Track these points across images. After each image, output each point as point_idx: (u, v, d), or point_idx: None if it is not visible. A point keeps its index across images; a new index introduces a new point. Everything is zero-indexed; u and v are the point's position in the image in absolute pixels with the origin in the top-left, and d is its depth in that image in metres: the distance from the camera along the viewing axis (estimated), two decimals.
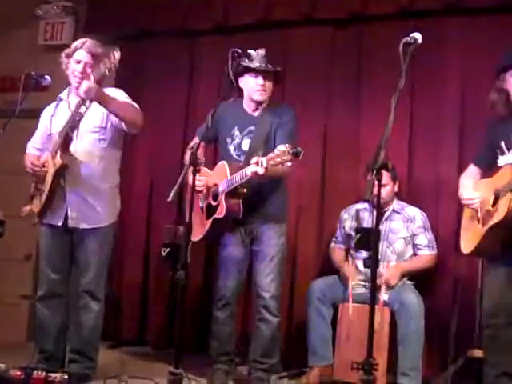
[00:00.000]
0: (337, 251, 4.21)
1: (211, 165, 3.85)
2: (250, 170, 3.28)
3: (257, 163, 3.19)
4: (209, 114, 3.26)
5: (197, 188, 3.61)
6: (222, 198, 3.54)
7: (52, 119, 3.65)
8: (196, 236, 3.73)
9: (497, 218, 3.10)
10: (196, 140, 3.75)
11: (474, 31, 4.25)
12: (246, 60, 3.56)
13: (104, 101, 3.32)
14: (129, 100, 3.54)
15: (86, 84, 3.24)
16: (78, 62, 3.51)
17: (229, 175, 3.52)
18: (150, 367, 4.14)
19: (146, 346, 4.82)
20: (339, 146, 4.53)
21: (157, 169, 4.92)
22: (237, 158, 3.68)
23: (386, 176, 3.94)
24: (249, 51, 3.50)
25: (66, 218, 3.51)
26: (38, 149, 3.72)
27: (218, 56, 4.52)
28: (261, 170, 3.19)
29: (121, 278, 4.92)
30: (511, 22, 4.13)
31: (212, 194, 3.66)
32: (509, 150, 3.23)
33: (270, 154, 3.15)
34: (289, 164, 3.16)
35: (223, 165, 3.63)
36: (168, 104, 4.95)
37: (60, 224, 3.53)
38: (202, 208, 3.75)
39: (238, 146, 3.71)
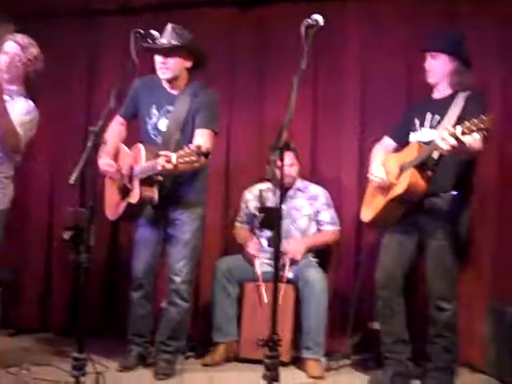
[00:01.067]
0: (241, 230, 4.26)
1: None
2: (159, 165, 3.19)
3: (167, 159, 3.11)
4: (112, 91, 3.16)
5: (104, 169, 3.56)
6: (136, 183, 3.47)
7: None
8: (112, 216, 3.69)
9: (397, 191, 3.27)
10: (117, 118, 3.73)
11: (372, 13, 4.35)
12: (150, 41, 3.48)
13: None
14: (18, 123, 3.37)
15: None
16: (6, 53, 3.39)
17: (143, 161, 3.44)
18: (54, 353, 4.04)
19: (48, 332, 4.69)
20: (243, 126, 4.55)
21: (59, 151, 4.77)
22: (154, 137, 3.61)
23: (292, 156, 4.02)
24: (151, 31, 3.43)
25: None
26: None
27: (121, 37, 4.39)
28: (169, 167, 3.13)
29: (23, 264, 4.76)
30: (410, 9, 4.26)
31: (128, 176, 3.58)
32: (421, 127, 3.42)
33: (180, 152, 3.07)
34: (196, 165, 3.10)
35: (140, 148, 3.52)
36: (70, 86, 4.80)
37: None
38: (118, 188, 3.66)
39: (155, 126, 3.63)
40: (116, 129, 3.76)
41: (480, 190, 3.56)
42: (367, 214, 3.56)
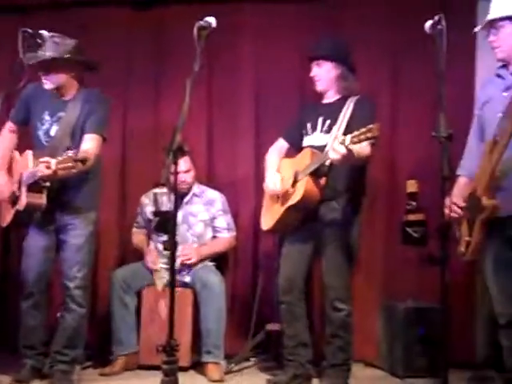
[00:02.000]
0: (138, 235, 4.21)
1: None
2: (39, 171, 3.15)
3: (46, 165, 3.05)
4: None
5: None
6: (23, 189, 3.37)
7: None
8: (3, 222, 3.56)
9: (293, 199, 3.33)
10: (8, 124, 3.60)
11: (266, 17, 4.42)
12: (39, 41, 3.36)
13: None
14: None
15: None
16: None
17: (31, 166, 3.34)
18: None
19: None
20: (139, 130, 4.48)
21: None
22: (45, 144, 3.49)
23: (188, 161, 4.01)
24: (40, 32, 3.32)
25: None
26: None
27: (13, 37, 4.23)
28: (48, 172, 3.08)
29: None
30: (302, 10, 4.38)
31: (18, 182, 3.46)
32: (313, 131, 3.49)
33: (59, 158, 3.04)
34: (74, 171, 3.07)
35: (27, 155, 3.43)
36: None
37: None
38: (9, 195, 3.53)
39: (47, 133, 3.51)
40: (6, 136, 3.63)
41: (370, 194, 3.67)
42: (267, 223, 3.61)
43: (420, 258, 3.88)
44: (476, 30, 2.99)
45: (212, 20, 2.83)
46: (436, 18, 2.55)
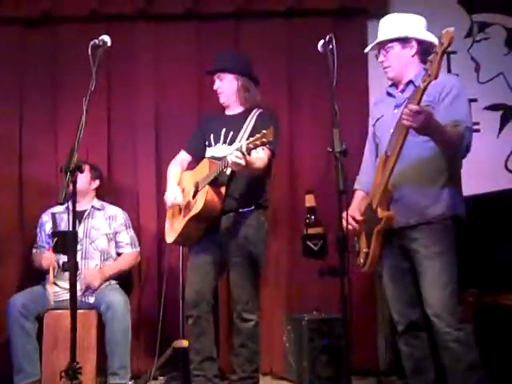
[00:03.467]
0: (37, 256, 4.04)
1: None
2: None
3: None
4: None
5: None
6: None
7: None
8: None
9: (195, 210, 3.33)
10: None
11: (163, 36, 4.43)
12: None
13: None
14: None
15: None
16: None
17: None
18: None
19: None
20: (37, 148, 4.37)
21: None
22: None
23: (87, 177, 3.95)
24: None
25: None
26: None
27: None
28: None
29: None
30: (199, 28, 4.44)
31: None
32: (216, 142, 3.51)
33: None
34: None
35: None
36: None
37: None
38: None
39: None
40: None
41: (272, 208, 3.72)
42: (170, 235, 3.59)
43: (321, 270, 3.97)
44: (366, 50, 3.11)
45: (107, 38, 2.81)
46: (327, 37, 2.64)
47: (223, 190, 3.35)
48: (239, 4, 4.35)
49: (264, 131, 2.91)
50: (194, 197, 3.40)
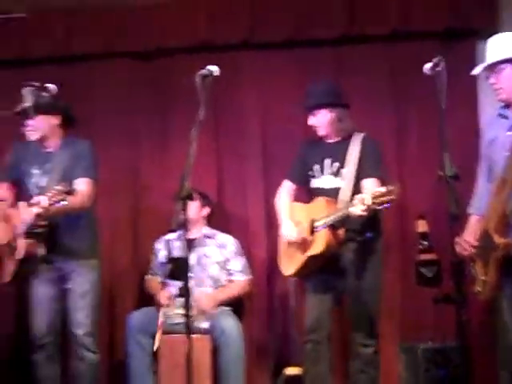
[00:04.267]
0: (152, 282, 4.17)
1: None
2: (31, 213, 3.26)
3: (37, 204, 3.17)
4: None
5: None
6: (20, 239, 3.41)
7: None
8: (5, 278, 3.52)
9: (315, 249, 3.39)
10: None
11: (268, 64, 4.48)
12: (43, 93, 3.45)
13: None
14: None
15: None
16: None
17: (24, 215, 3.40)
18: None
19: None
20: (150, 176, 4.53)
21: None
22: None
23: (197, 205, 4.05)
24: (46, 85, 3.40)
25: None
26: None
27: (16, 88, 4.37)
28: (40, 211, 3.18)
29: None
30: (302, 55, 4.46)
31: (14, 234, 3.47)
32: (321, 174, 3.53)
33: (48, 194, 3.15)
34: (65, 202, 3.15)
35: (20, 205, 3.49)
36: None
37: None
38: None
39: (37, 185, 3.58)
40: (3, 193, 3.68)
41: (384, 235, 3.65)
42: (289, 269, 3.61)
43: (436, 297, 3.84)
44: (475, 72, 3.02)
45: (214, 68, 2.88)
46: (435, 60, 2.59)
47: (341, 232, 3.39)
48: (341, 29, 4.35)
49: (391, 188, 2.93)
50: (311, 233, 3.44)
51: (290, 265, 3.60)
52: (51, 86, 3.40)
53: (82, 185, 3.47)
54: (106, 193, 4.00)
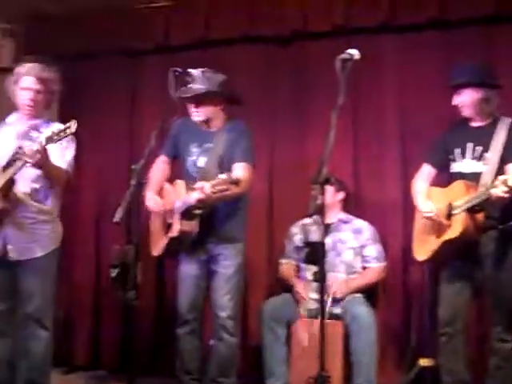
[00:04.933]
0: (286, 266, 4.20)
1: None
2: (193, 196, 3.33)
3: (201, 189, 3.22)
4: (154, 130, 3.22)
5: (151, 207, 3.63)
6: (176, 217, 3.53)
7: None
8: (156, 252, 3.73)
9: (452, 234, 3.31)
10: (161, 157, 3.81)
11: (407, 47, 4.35)
12: (188, 79, 3.54)
13: (45, 169, 3.26)
14: (65, 163, 3.42)
15: (32, 150, 3.11)
16: (26, 89, 3.42)
17: (183, 195, 3.52)
18: None
19: (100, 369, 4.73)
20: (286, 161, 4.54)
21: (103, 189, 4.87)
22: (193, 175, 3.65)
23: (333, 191, 4.02)
24: (189, 70, 3.49)
25: (5, 250, 3.39)
26: None
27: (160, 75, 4.52)
28: (203, 196, 3.23)
29: (71, 302, 4.83)
30: (440, 39, 4.28)
31: (170, 211, 3.63)
32: (463, 157, 3.43)
33: (212, 182, 3.19)
34: (228, 192, 3.19)
35: (179, 183, 3.65)
36: (112, 123, 4.90)
37: None
38: (161, 224, 3.71)
39: (195, 164, 3.68)
40: (160, 167, 3.83)
41: None
42: (422, 254, 3.55)
43: None
44: None
45: (355, 52, 2.84)
46: None
47: (481, 216, 3.26)
48: (491, 8, 4.08)
49: None
50: (448, 218, 3.34)
51: (423, 250, 3.53)
52: (193, 72, 3.48)
53: (241, 170, 3.51)
54: None
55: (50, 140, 3.10)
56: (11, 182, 3.26)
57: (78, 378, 4.54)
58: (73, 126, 3.08)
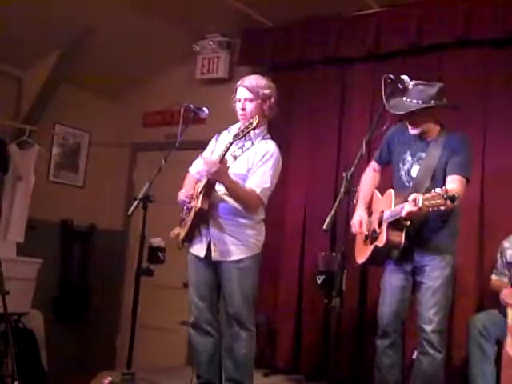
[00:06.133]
0: (497, 283, 3.98)
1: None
2: (405, 210, 3.22)
3: (413, 201, 3.12)
4: (365, 137, 3.20)
5: (353, 229, 3.65)
6: (384, 226, 3.49)
7: (214, 148, 3.73)
8: (359, 260, 3.74)
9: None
10: (373, 163, 3.82)
11: None
12: (400, 86, 3.45)
13: (226, 186, 3.44)
14: (260, 187, 3.52)
15: (213, 166, 3.33)
16: (239, 100, 3.60)
17: (393, 205, 3.45)
18: None
19: (299, 374, 4.78)
20: (498, 170, 4.29)
21: (310, 197, 4.94)
22: (406, 183, 3.59)
23: None
24: (402, 76, 3.41)
25: (209, 250, 3.56)
26: (197, 172, 3.76)
27: (370, 83, 4.51)
28: (414, 209, 3.14)
29: (275, 307, 4.95)
30: None
31: (378, 220, 3.60)
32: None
33: (427, 195, 3.07)
34: (442, 208, 3.05)
35: (390, 193, 3.58)
36: (320, 131, 4.97)
37: (202, 256, 3.59)
38: (368, 233, 3.69)
39: (408, 172, 3.61)
40: (370, 174, 3.81)
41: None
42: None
43: None
44: None
45: None
46: None
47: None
48: None
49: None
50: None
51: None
52: (405, 78, 3.40)
53: (456, 184, 3.38)
54: None
55: (235, 137, 3.35)
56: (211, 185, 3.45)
57: (277, 380, 4.61)
58: (254, 122, 3.28)
